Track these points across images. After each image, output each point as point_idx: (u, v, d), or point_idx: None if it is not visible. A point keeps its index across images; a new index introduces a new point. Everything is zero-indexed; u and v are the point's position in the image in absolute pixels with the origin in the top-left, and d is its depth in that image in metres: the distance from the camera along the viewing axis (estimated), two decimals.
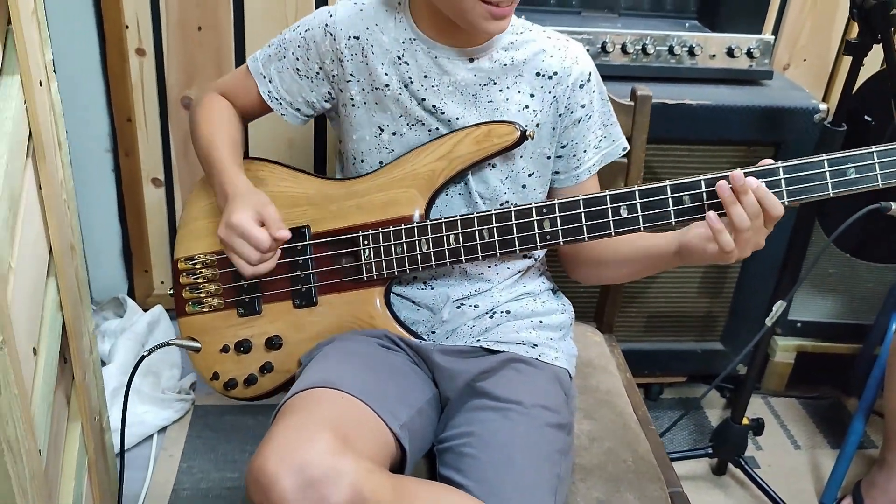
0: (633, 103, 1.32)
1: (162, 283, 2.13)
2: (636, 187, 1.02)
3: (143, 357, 1.21)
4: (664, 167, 1.64)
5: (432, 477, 1.03)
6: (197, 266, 1.19)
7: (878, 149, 0.92)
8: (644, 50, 1.64)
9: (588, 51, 1.56)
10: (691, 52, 1.66)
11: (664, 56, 1.66)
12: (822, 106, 1.60)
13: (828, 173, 0.94)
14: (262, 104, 1.18)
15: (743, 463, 1.77)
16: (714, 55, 1.67)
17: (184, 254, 1.20)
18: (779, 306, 1.46)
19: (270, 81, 1.16)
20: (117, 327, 1.97)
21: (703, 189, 0.98)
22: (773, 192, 0.94)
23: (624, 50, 1.64)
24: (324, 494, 0.79)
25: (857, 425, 1.72)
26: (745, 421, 1.74)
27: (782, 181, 0.96)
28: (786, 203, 0.95)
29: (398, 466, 0.98)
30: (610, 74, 1.60)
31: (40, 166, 1.03)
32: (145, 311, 2.03)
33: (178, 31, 1.83)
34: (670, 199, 1.01)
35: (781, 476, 1.82)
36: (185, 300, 1.20)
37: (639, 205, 1.02)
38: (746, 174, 0.94)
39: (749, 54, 1.68)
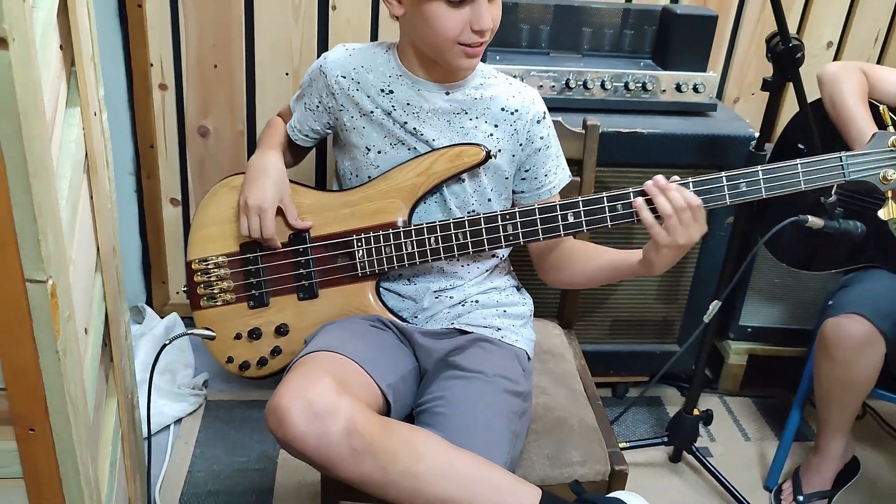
0: (583, 131, 1.56)
1: (177, 293, 2.36)
2: (580, 198, 1.26)
3: (164, 346, 1.44)
4: (619, 186, 1.87)
5: None
6: (209, 266, 1.41)
7: (762, 168, 1.16)
8: (603, 86, 1.89)
9: (553, 87, 1.83)
10: (644, 88, 1.91)
11: (620, 91, 1.90)
12: (756, 134, 1.84)
13: (725, 186, 1.18)
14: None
15: (696, 451, 1.99)
16: (664, 90, 1.92)
17: (197, 256, 1.42)
18: (714, 305, 1.68)
19: (294, 115, 1.42)
20: (137, 332, 2.20)
21: (632, 199, 1.22)
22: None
23: (585, 86, 1.88)
24: (326, 424, 1.02)
25: (793, 416, 1.94)
26: (695, 412, 1.95)
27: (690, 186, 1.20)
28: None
29: None
30: (572, 107, 1.85)
31: (93, 181, 1.27)
32: (162, 317, 2.26)
33: (196, 68, 2.08)
34: (606, 207, 1.24)
35: (732, 464, 2.03)
36: (199, 296, 1.42)
37: (582, 212, 1.25)
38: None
39: (695, 89, 1.93)
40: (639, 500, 1.18)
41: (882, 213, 1.24)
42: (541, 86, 1.85)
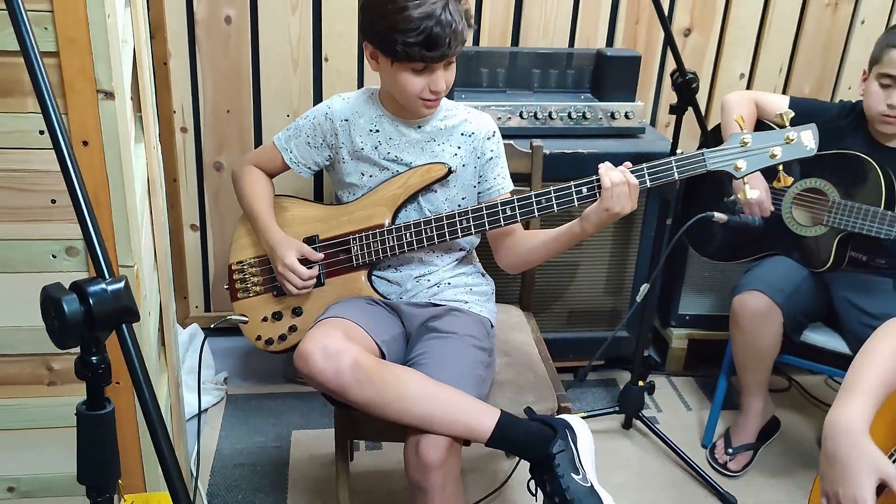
0: (530, 151, 1.97)
1: (196, 307, 2.72)
2: (514, 197, 1.64)
3: (211, 327, 1.81)
4: None
5: None
6: (244, 267, 1.81)
7: (648, 165, 1.57)
8: (550, 116, 2.31)
9: (510, 118, 2.24)
10: (584, 117, 2.33)
11: (565, 119, 2.32)
12: (679, 153, 2.26)
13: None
14: (283, 166, 1.81)
15: (644, 418, 2.37)
16: (601, 118, 2.34)
17: (235, 259, 1.82)
18: (644, 288, 2.07)
19: (290, 152, 1.79)
20: None
21: (552, 195, 1.61)
22: None
23: (535, 116, 2.30)
24: (337, 361, 1.41)
25: (721, 382, 2.33)
26: (640, 383, 2.33)
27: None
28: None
29: None
30: (526, 135, 2.26)
31: (152, 199, 1.65)
32: (184, 328, 2.62)
33: (211, 113, 2.48)
34: (534, 202, 1.62)
35: (675, 429, 2.41)
36: (237, 290, 1.81)
37: (517, 206, 1.64)
38: None
39: (626, 116, 2.35)
40: (580, 422, 1.56)
41: (740, 195, 1.64)
42: (499, 118, 2.26)
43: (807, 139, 1.56)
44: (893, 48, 1.95)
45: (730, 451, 2.26)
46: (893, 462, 1.26)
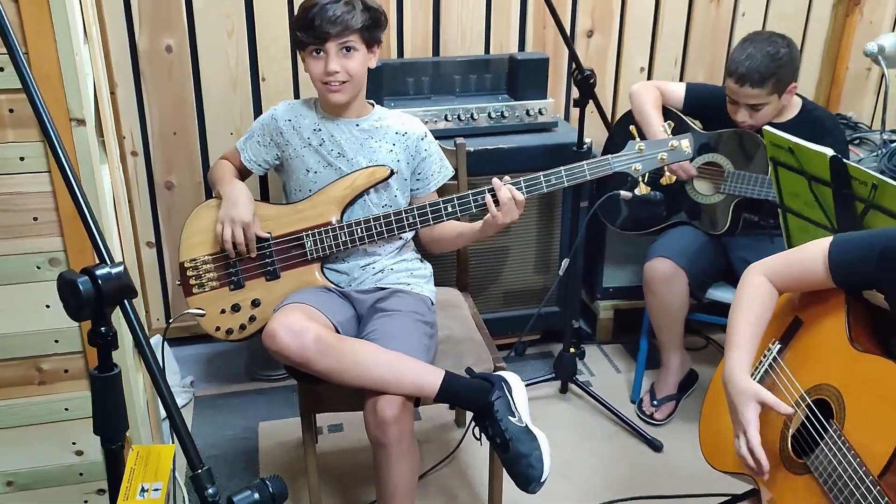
0: (455, 149, 2.21)
1: (157, 319, 2.89)
2: (454, 196, 1.88)
3: (170, 323, 2.00)
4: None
5: None
6: (199, 264, 1.98)
7: (564, 168, 1.83)
8: (472, 117, 2.56)
9: (436, 121, 2.47)
10: (503, 115, 2.58)
11: (485, 119, 2.57)
12: (587, 140, 2.53)
13: (542, 181, 1.84)
14: (242, 165, 2.03)
15: (578, 381, 2.63)
16: (518, 115, 2.60)
17: (188, 257, 1.98)
18: (565, 262, 2.34)
19: (246, 152, 2.02)
20: None
21: (485, 192, 1.86)
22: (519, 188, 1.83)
23: (459, 118, 2.55)
24: (301, 337, 1.63)
25: (642, 343, 2.61)
26: (572, 350, 2.59)
27: (522, 186, 1.85)
28: (524, 192, 1.83)
29: None
30: (451, 135, 2.50)
31: (119, 214, 1.84)
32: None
33: (159, 136, 2.66)
34: (471, 201, 1.87)
35: (607, 389, 2.67)
36: (191, 286, 1.99)
37: (456, 204, 1.88)
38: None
39: (540, 112, 2.61)
40: (513, 375, 1.80)
41: (637, 191, 1.92)
42: (426, 121, 2.50)
43: (685, 145, 1.91)
44: (730, 76, 2.26)
45: (655, 402, 2.54)
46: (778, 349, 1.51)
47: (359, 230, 1.91)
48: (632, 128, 1.97)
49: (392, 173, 1.94)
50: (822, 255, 1.37)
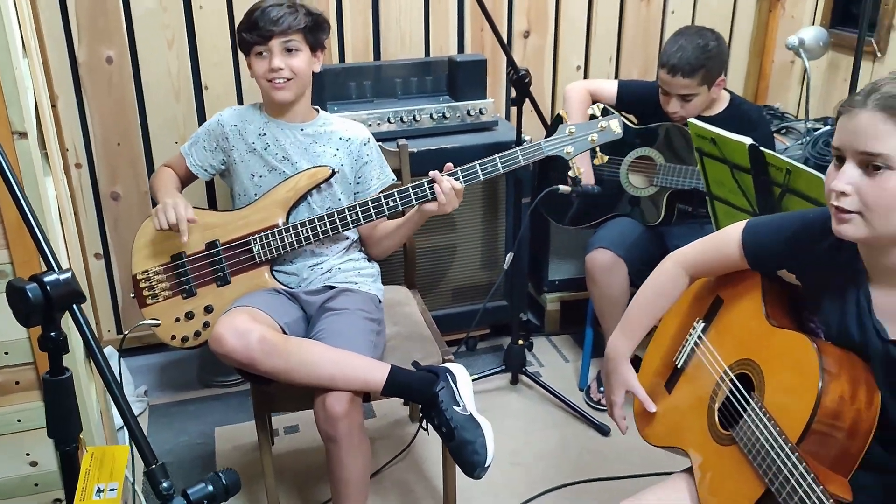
0: (398, 150, 2.27)
1: (108, 331, 2.89)
2: (394, 191, 1.94)
3: (125, 334, 2.02)
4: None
5: None
6: (151, 275, 2.01)
7: (499, 155, 1.90)
8: (414, 118, 2.62)
9: (379, 124, 2.53)
10: (444, 116, 2.65)
11: (427, 120, 2.64)
12: (526, 137, 2.61)
13: (478, 170, 1.90)
14: (187, 171, 2.06)
15: (528, 372, 2.70)
16: (459, 116, 2.67)
17: (140, 269, 2.01)
18: (509, 257, 2.41)
19: (192, 157, 2.05)
20: None
21: (425, 186, 1.92)
22: (457, 178, 1.89)
23: (402, 120, 2.60)
24: (246, 338, 1.66)
25: (588, 332, 2.70)
26: (520, 342, 2.67)
27: (460, 175, 1.92)
28: (461, 181, 1.90)
29: None
30: (394, 137, 2.55)
31: (65, 226, 1.86)
32: None
33: (102, 147, 2.67)
34: (411, 193, 1.94)
35: (556, 379, 2.75)
36: (144, 297, 2.01)
37: (397, 198, 1.94)
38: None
39: (480, 112, 2.68)
40: (458, 366, 1.87)
41: (570, 173, 2.00)
42: (370, 124, 2.55)
43: (615, 126, 1.95)
44: (662, 67, 2.36)
45: (601, 389, 2.63)
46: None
47: (304, 231, 1.96)
48: (562, 112, 2.05)
49: (333, 173, 1.99)
50: (736, 240, 1.46)
